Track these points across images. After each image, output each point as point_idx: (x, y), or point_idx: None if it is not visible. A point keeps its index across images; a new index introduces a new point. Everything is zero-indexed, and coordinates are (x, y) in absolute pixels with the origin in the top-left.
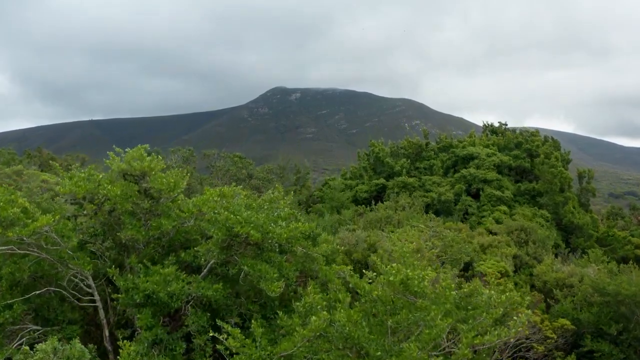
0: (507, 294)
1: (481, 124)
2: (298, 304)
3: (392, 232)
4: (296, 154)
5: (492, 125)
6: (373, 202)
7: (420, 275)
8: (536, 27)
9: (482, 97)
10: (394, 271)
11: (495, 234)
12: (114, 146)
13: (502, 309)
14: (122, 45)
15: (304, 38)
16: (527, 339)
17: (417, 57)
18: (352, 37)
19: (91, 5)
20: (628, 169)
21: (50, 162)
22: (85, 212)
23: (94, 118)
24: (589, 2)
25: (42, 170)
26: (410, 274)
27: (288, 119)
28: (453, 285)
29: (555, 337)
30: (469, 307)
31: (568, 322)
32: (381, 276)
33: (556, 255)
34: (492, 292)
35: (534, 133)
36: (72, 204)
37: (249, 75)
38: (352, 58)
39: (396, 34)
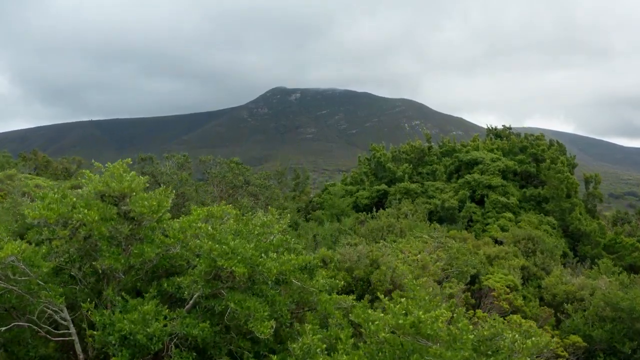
0: (533, 339)
1: (480, 124)
2: (294, 346)
3: (395, 241)
4: (296, 154)
5: (495, 128)
6: (374, 209)
7: (433, 317)
8: (536, 27)
9: (482, 97)
10: (403, 310)
11: (501, 242)
12: (93, 160)
13: (528, 359)
14: (122, 46)
15: (304, 38)
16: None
17: (417, 57)
18: (351, 37)
19: (91, 5)
20: (628, 169)
21: (25, 188)
22: (59, 236)
23: (94, 118)
24: (589, 3)
25: (37, 174)
26: (422, 316)
27: (288, 119)
28: (471, 327)
29: (567, 355)
30: (490, 352)
31: (579, 339)
32: (388, 316)
33: (564, 265)
34: (516, 335)
35: (539, 137)
36: (44, 227)
37: (249, 75)
38: (352, 58)
39: (396, 34)
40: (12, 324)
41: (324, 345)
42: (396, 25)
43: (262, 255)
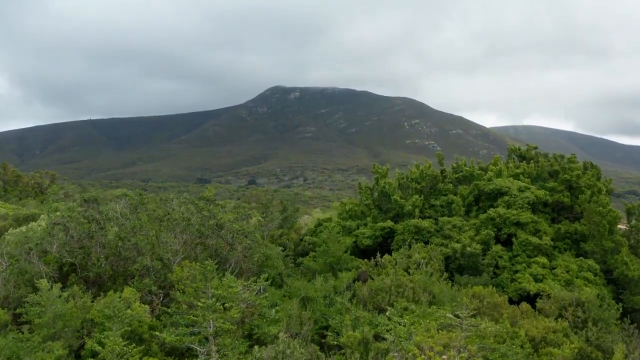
0: None
1: (481, 123)
2: None
3: (406, 310)
4: (295, 153)
5: (519, 149)
6: (378, 253)
7: None
8: (536, 27)
9: (482, 96)
10: None
11: (535, 299)
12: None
13: None
14: (121, 47)
15: (304, 39)
16: None
17: (417, 57)
18: (351, 37)
19: (91, 6)
20: (628, 167)
21: None
22: None
23: (92, 117)
24: (589, 3)
25: (5, 190)
26: None
27: (287, 119)
28: None
29: None
30: None
31: None
32: None
33: (618, 334)
34: None
35: (572, 159)
36: None
37: (248, 75)
38: (351, 59)
39: (396, 34)
40: None
41: None
42: (396, 25)
43: None
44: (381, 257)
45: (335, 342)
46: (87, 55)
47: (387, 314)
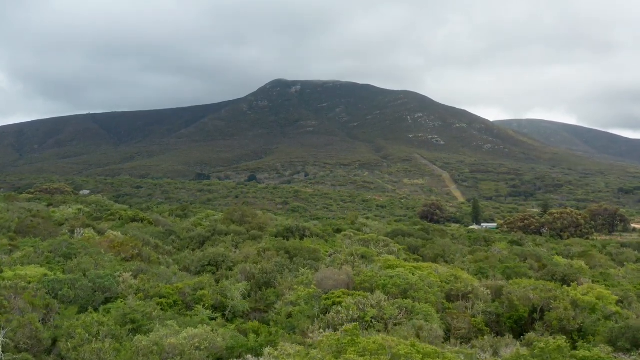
0: None
1: (484, 116)
2: None
3: None
4: (296, 148)
5: None
6: None
7: None
8: (539, 21)
9: (484, 90)
10: None
11: None
12: None
13: None
14: (122, 41)
15: (305, 32)
16: None
17: (419, 51)
18: (354, 31)
19: (91, 1)
20: (634, 161)
21: None
22: None
23: (92, 112)
24: None
25: None
26: None
27: (288, 113)
28: None
29: None
30: None
31: None
32: None
33: None
34: None
35: None
36: None
37: (249, 69)
38: (353, 52)
39: (398, 28)
40: None
41: None
42: (398, 19)
43: None
44: None
45: None
46: (87, 50)
47: None
